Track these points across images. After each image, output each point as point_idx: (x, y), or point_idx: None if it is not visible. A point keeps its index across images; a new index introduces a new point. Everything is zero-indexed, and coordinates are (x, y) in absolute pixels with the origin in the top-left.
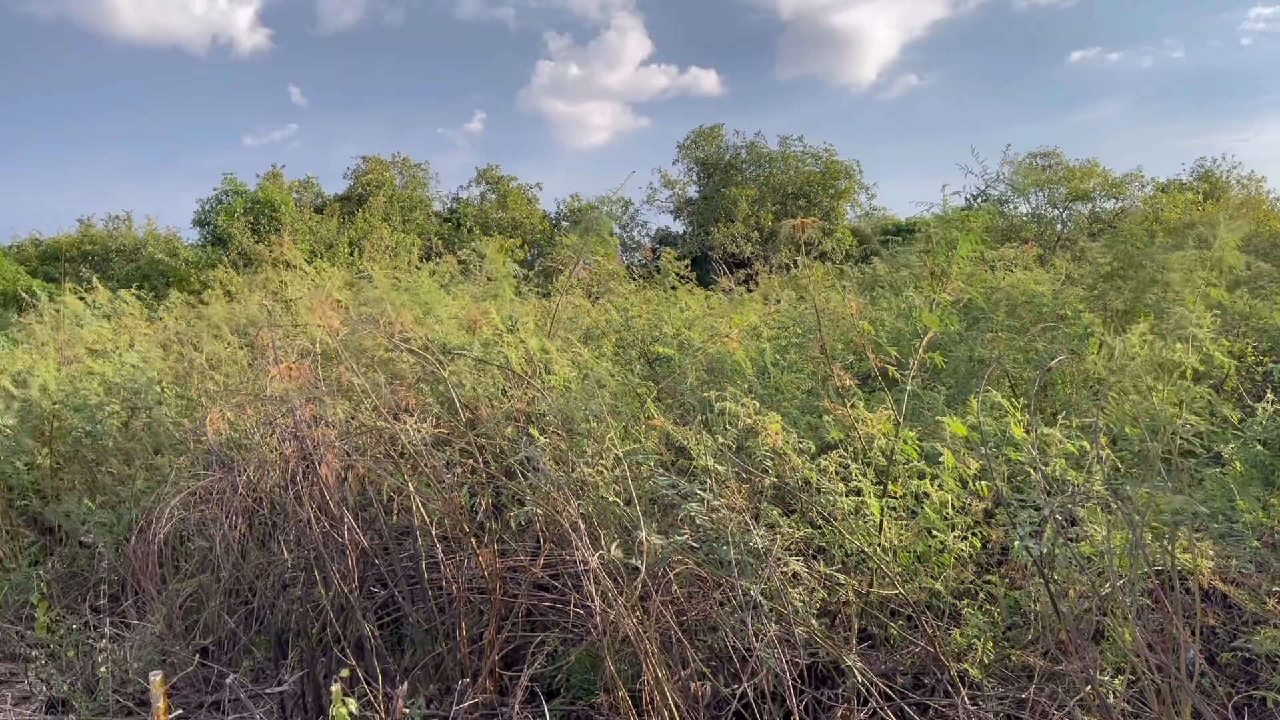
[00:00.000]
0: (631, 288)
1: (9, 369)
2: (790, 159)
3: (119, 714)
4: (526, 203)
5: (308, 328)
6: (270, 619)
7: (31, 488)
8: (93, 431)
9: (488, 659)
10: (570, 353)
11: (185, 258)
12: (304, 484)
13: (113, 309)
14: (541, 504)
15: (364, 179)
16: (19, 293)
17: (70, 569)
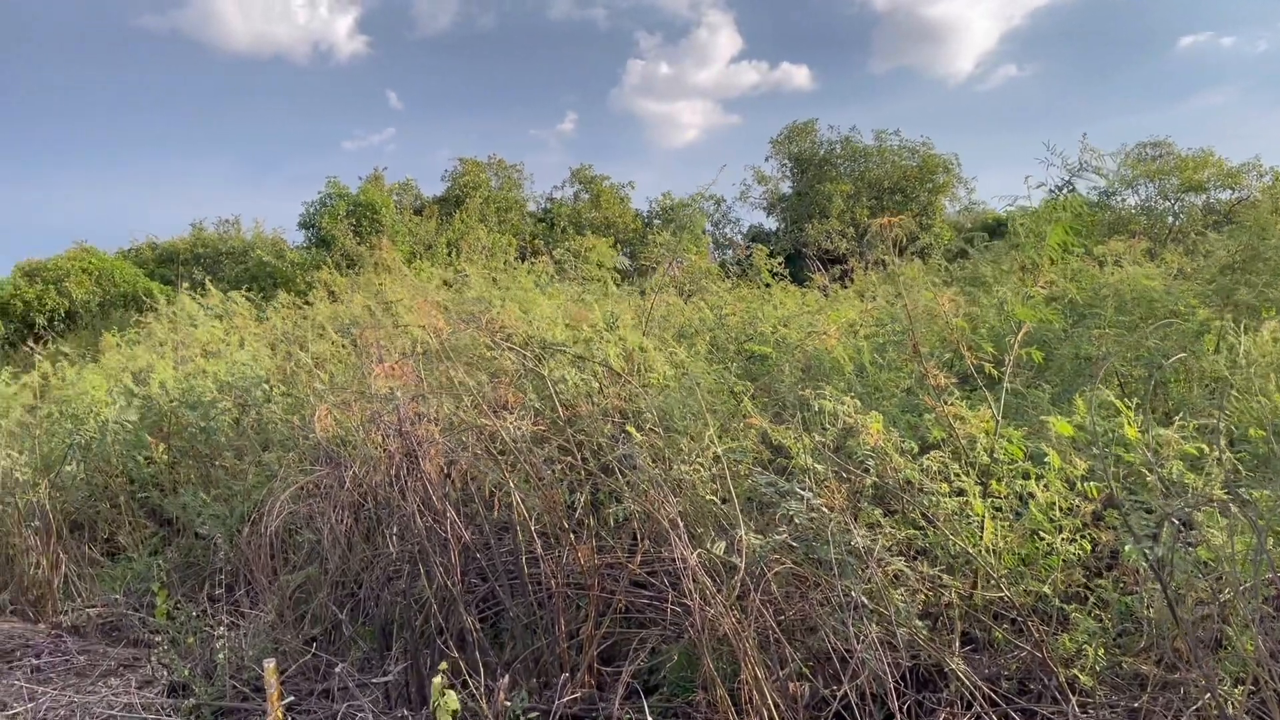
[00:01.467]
0: (725, 285)
1: (130, 368)
2: (886, 153)
3: (235, 699)
4: (619, 202)
5: (409, 327)
6: (375, 611)
7: (151, 481)
8: (207, 428)
9: (586, 654)
10: (668, 351)
11: (291, 259)
12: (408, 479)
13: (224, 309)
14: (639, 501)
15: (461, 181)
16: (138, 294)
17: (187, 559)
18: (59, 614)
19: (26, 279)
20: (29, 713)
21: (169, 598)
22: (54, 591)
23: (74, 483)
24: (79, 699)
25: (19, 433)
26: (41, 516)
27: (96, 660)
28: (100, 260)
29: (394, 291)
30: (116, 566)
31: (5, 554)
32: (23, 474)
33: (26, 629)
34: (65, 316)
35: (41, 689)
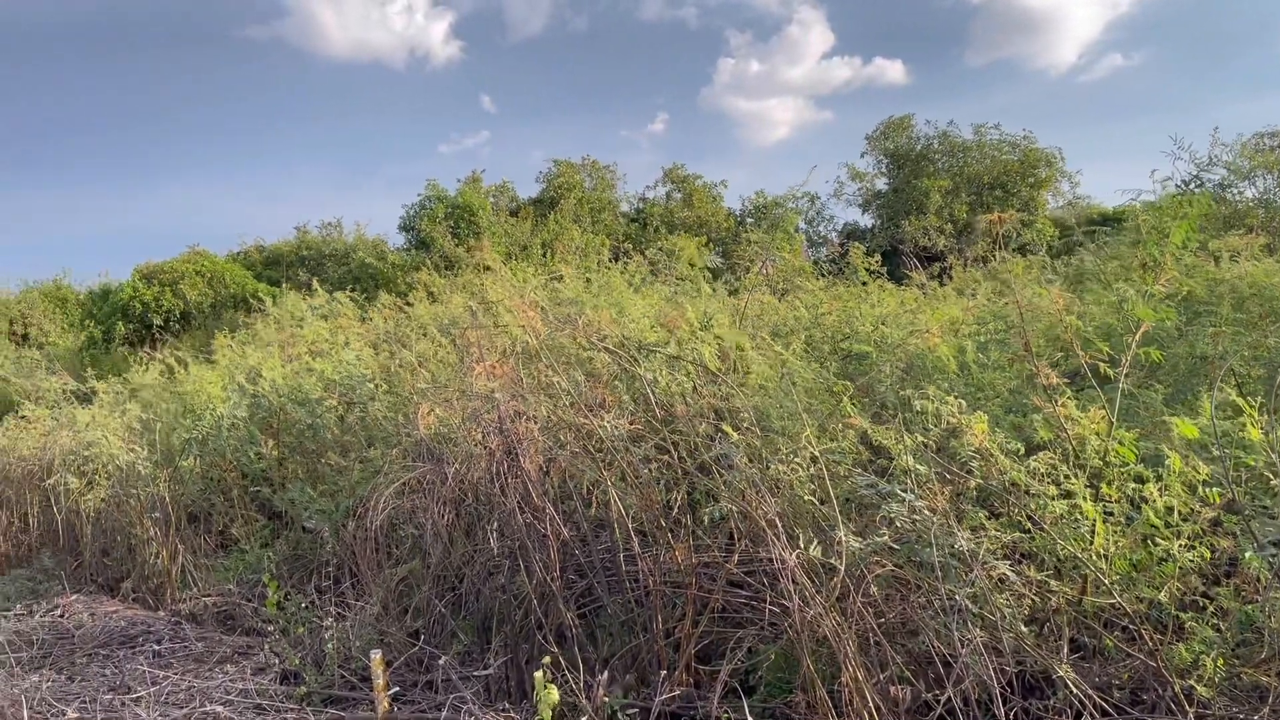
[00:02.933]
0: (820, 284)
1: (242, 366)
2: (985, 148)
3: (344, 688)
4: (711, 201)
5: (508, 327)
6: (475, 605)
7: (261, 476)
8: (313, 425)
9: (684, 653)
10: (766, 350)
11: (392, 261)
12: (508, 476)
13: (329, 310)
14: (736, 501)
15: (555, 182)
16: (247, 296)
17: (295, 551)
18: (177, 602)
19: (145, 281)
20: (152, 696)
21: (279, 588)
22: (173, 580)
23: (191, 476)
24: (198, 684)
25: (140, 428)
26: (161, 508)
27: (213, 647)
28: (212, 263)
29: (494, 291)
30: (229, 557)
31: (128, 544)
32: (145, 467)
33: (148, 615)
34: (180, 317)
35: (163, 673)
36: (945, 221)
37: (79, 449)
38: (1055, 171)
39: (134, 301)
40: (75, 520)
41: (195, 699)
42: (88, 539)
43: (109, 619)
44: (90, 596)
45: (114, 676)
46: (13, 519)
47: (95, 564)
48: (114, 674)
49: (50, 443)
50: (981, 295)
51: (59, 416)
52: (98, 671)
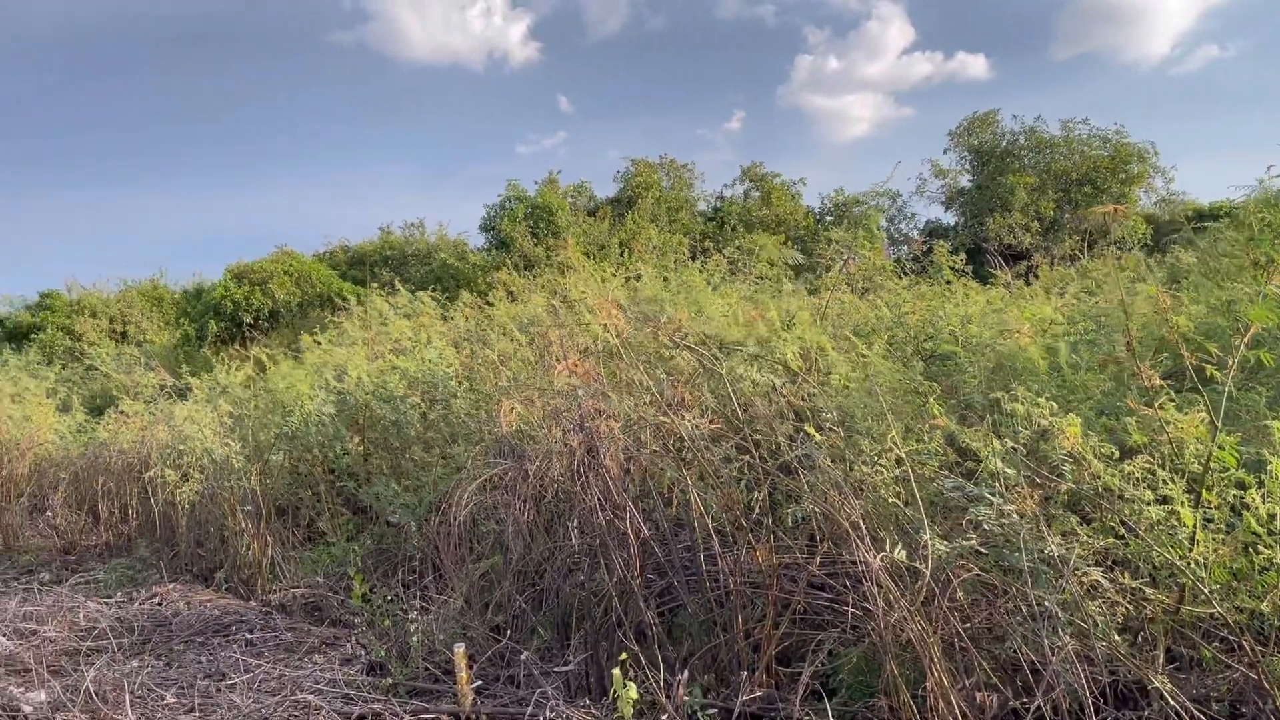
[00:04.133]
0: (903, 283)
1: (328, 364)
2: (1074, 143)
3: (428, 680)
4: (790, 199)
5: (590, 326)
6: (555, 601)
7: (347, 471)
8: (398, 421)
9: (764, 654)
10: (849, 350)
11: (473, 261)
12: (589, 474)
13: (411, 309)
14: (819, 502)
15: (633, 181)
16: (333, 295)
17: (380, 545)
18: (267, 593)
19: (235, 281)
20: (245, 683)
21: (364, 581)
22: (263, 572)
23: (280, 471)
24: (289, 673)
25: (232, 424)
26: (253, 501)
27: (302, 637)
28: (299, 263)
29: (577, 290)
30: (316, 550)
31: (220, 535)
32: (237, 462)
33: (240, 605)
34: (269, 315)
35: (255, 661)
36: (1031, 219)
37: (175, 443)
38: (1148, 167)
39: (225, 300)
40: (171, 512)
41: (286, 687)
42: (183, 530)
43: (204, 608)
44: (186, 586)
45: (209, 664)
46: (113, 509)
47: (190, 554)
48: (209, 661)
49: (148, 437)
50: (1070, 294)
51: (156, 411)
52: (194, 658)
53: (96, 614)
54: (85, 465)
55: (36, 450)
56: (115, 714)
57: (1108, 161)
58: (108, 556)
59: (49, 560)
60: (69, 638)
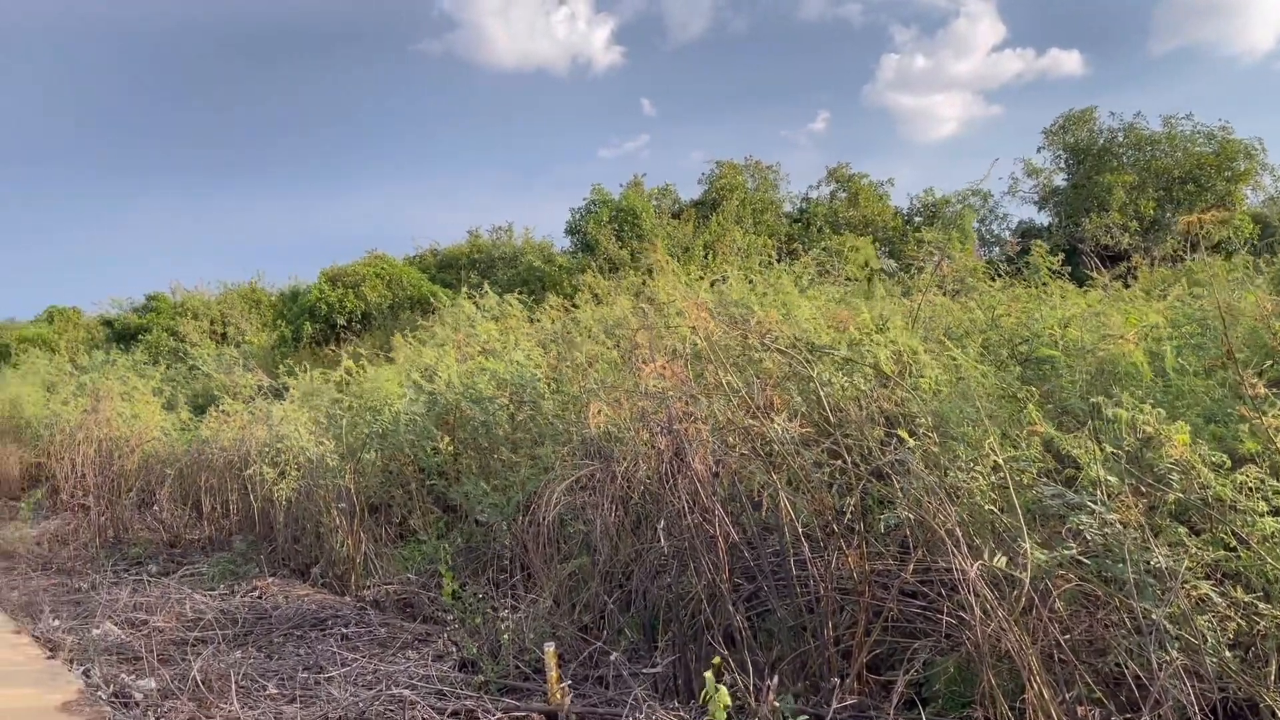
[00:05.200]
0: (998, 284)
1: (419, 365)
2: (1175, 140)
3: (518, 678)
4: (878, 199)
5: (678, 328)
6: (643, 603)
7: (437, 470)
8: (486, 422)
9: (855, 661)
10: (940, 353)
11: (559, 263)
12: (678, 477)
13: (499, 311)
14: (913, 508)
15: (717, 183)
16: (423, 297)
17: (469, 544)
18: (361, 589)
19: (330, 284)
20: (342, 676)
21: (454, 579)
22: (356, 567)
23: (372, 469)
24: (384, 668)
25: (327, 423)
26: (346, 499)
27: (395, 633)
28: (391, 266)
29: (664, 292)
30: (407, 547)
31: (316, 532)
32: (332, 460)
33: (335, 600)
34: (361, 317)
35: (351, 655)
36: (1130, 219)
37: (273, 441)
38: (1255, 164)
39: (320, 303)
40: (269, 508)
41: (382, 682)
42: (280, 526)
43: (301, 602)
44: (284, 580)
45: (307, 656)
46: (215, 505)
47: (287, 549)
48: (307, 654)
49: (247, 435)
50: (1172, 297)
51: (254, 411)
52: (293, 651)
53: (202, 606)
54: (189, 462)
55: (144, 447)
56: (221, 703)
57: (1212, 159)
58: (210, 550)
59: (156, 553)
60: (176, 628)
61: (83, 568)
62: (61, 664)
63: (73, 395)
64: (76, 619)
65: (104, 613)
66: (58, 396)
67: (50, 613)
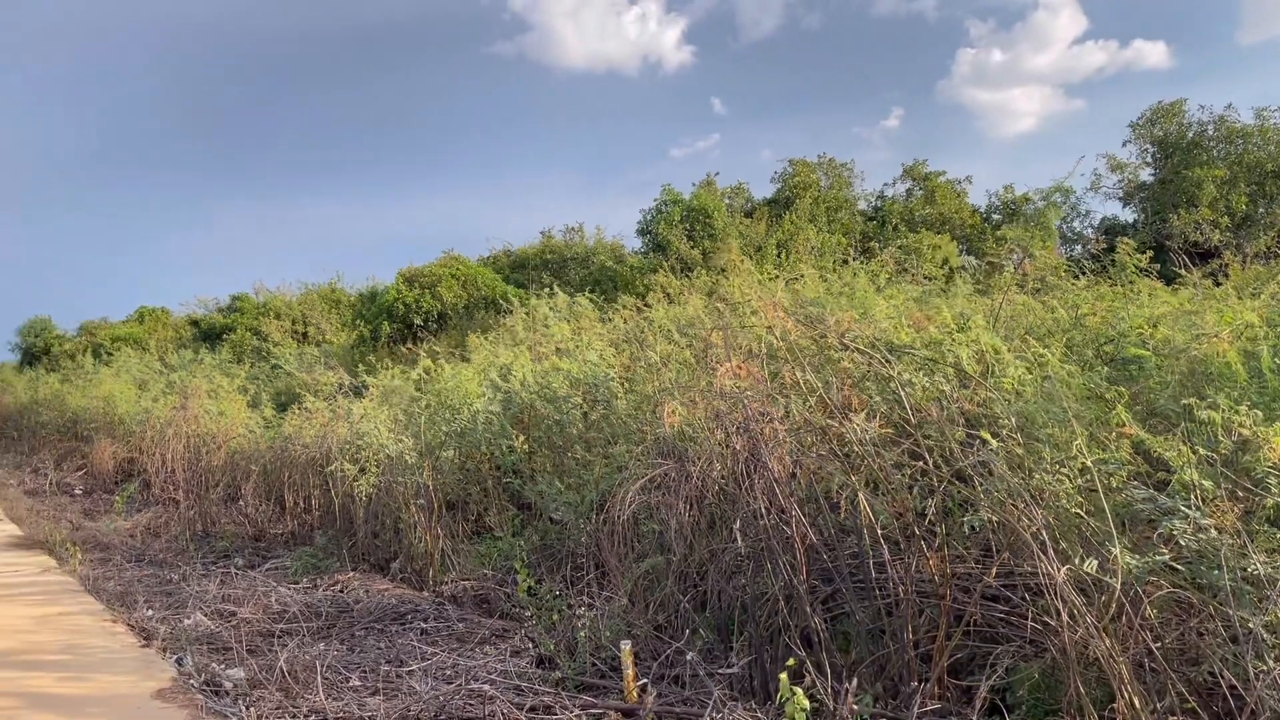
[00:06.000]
0: (1081, 283)
1: (494, 365)
2: (1270, 133)
3: (594, 675)
4: (955, 197)
5: (754, 328)
6: (718, 603)
7: (512, 468)
8: (560, 421)
9: (936, 665)
10: (1022, 353)
11: (631, 264)
12: (754, 477)
13: (571, 312)
14: (997, 511)
15: (791, 181)
16: (497, 298)
17: (544, 541)
18: (439, 584)
19: (407, 284)
20: (422, 670)
21: (529, 576)
22: (434, 563)
23: (450, 467)
24: (462, 662)
25: (405, 421)
26: (425, 496)
27: (473, 628)
28: (466, 267)
29: (739, 292)
30: (483, 544)
31: (395, 527)
32: (410, 458)
33: (414, 595)
34: (437, 317)
35: (431, 649)
36: (1220, 214)
37: (353, 439)
38: None
39: (398, 303)
40: (350, 504)
41: (461, 676)
42: (360, 521)
43: (381, 596)
44: (364, 574)
45: (388, 649)
46: (298, 500)
47: (367, 544)
48: (388, 647)
49: (328, 432)
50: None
51: (335, 408)
52: (374, 644)
53: (286, 598)
54: (272, 458)
55: (230, 443)
56: (306, 694)
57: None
58: (293, 544)
59: (241, 546)
60: (263, 620)
61: (173, 559)
62: (155, 652)
63: (162, 393)
64: (168, 609)
65: (194, 603)
66: (148, 394)
67: (144, 602)
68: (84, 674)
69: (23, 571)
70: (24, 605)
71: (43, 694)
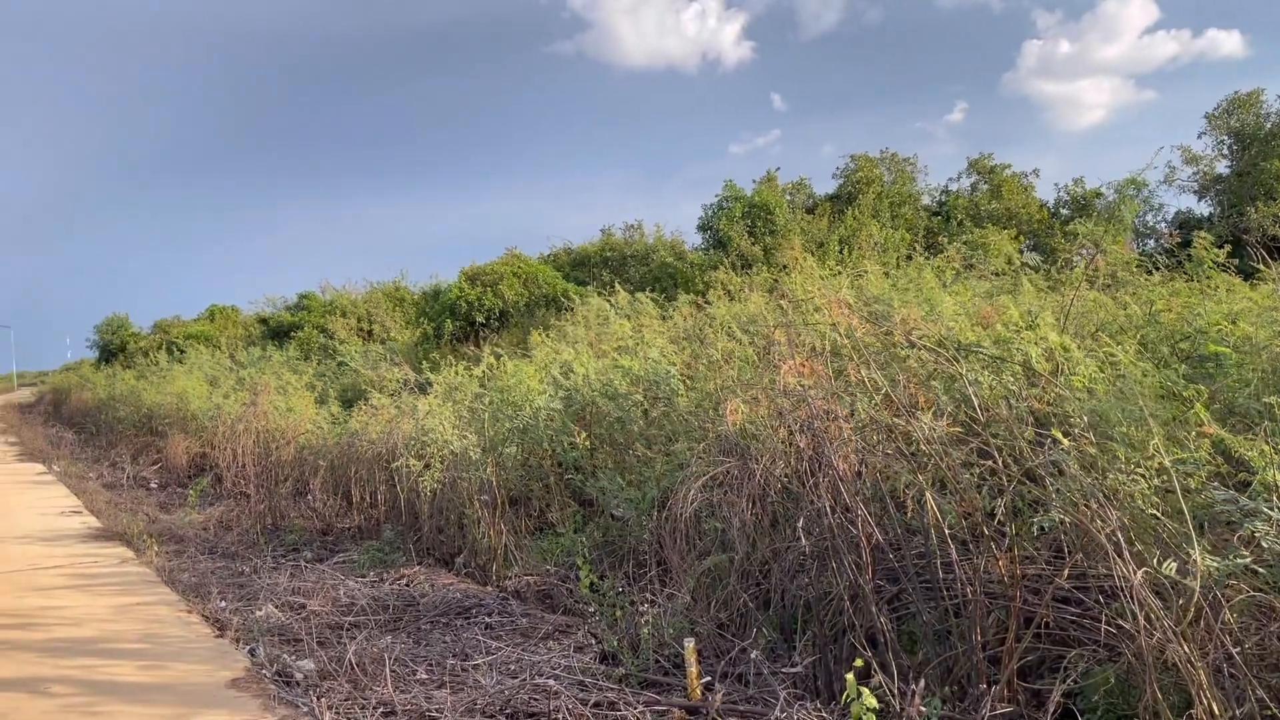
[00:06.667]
0: (1156, 278)
1: (556, 362)
2: None
3: (657, 673)
4: (1022, 191)
5: (818, 325)
6: (781, 602)
7: (574, 464)
8: (621, 418)
9: (1006, 668)
10: (1094, 351)
11: (691, 260)
12: (819, 475)
13: (631, 309)
14: (1069, 512)
15: (853, 177)
16: (557, 295)
17: (606, 537)
18: (503, 579)
19: (469, 282)
20: (488, 664)
21: (591, 572)
22: (498, 558)
23: (513, 463)
24: (527, 657)
25: (469, 417)
26: (488, 491)
27: (536, 624)
28: (527, 265)
29: (802, 288)
30: (545, 540)
31: (459, 523)
32: (474, 453)
33: (478, 590)
34: (499, 315)
35: (495, 644)
36: None
37: (418, 435)
38: None
39: (460, 301)
40: (414, 499)
41: (525, 671)
42: (425, 516)
43: (446, 590)
44: (429, 569)
45: (453, 643)
46: (364, 495)
47: (432, 539)
48: (453, 641)
49: (394, 428)
50: None
51: (400, 405)
52: (439, 638)
53: (354, 592)
54: (339, 454)
55: (298, 439)
56: (375, 686)
57: None
58: (359, 538)
59: (310, 540)
60: (331, 612)
61: (244, 552)
62: (229, 642)
63: (233, 389)
64: (241, 600)
65: (266, 596)
66: (219, 390)
67: (218, 594)
68: (162, 662)
69: (102, 562)
70: (104, 595)
71: (123, 681)
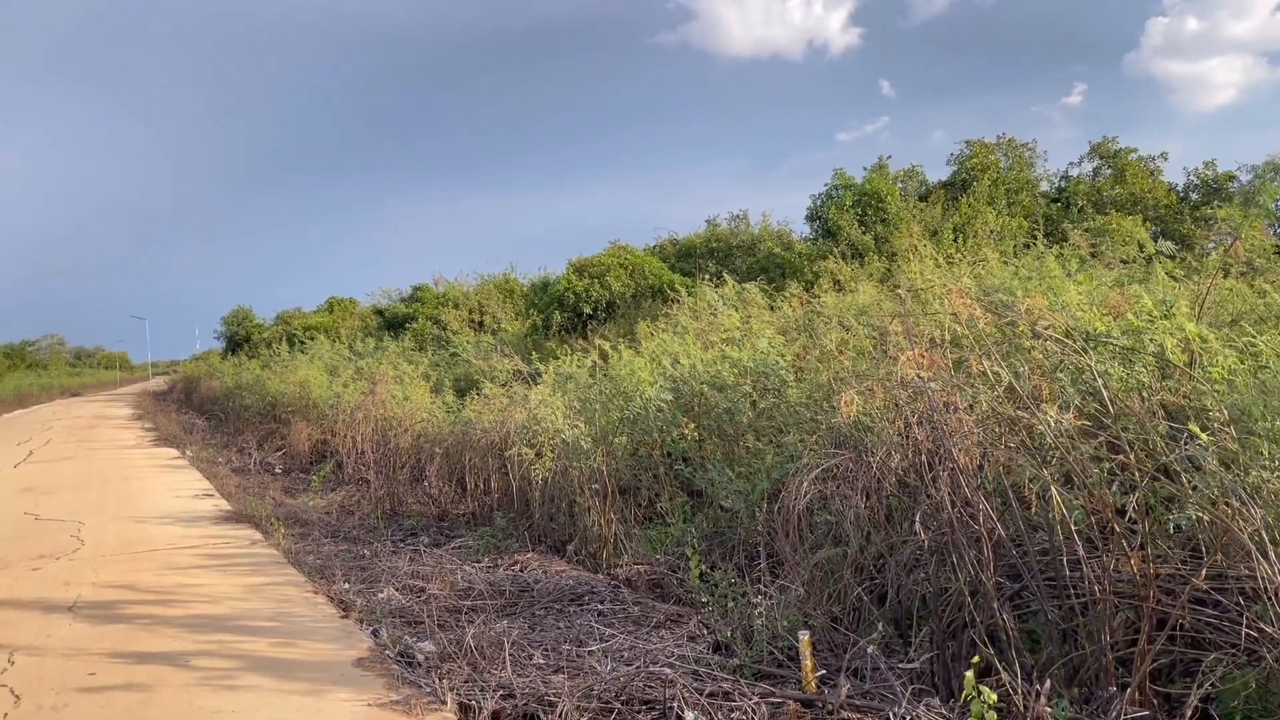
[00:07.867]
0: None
1: (664, 353)
2: None
3: (771, 664)
4: (1147, 176)
5: (936, 314)
6: (897, 596)
7: (683, 455)
8: (730, 409)
9: (1138, 670)
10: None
11: (799, 250)
12: (939, 468)
13: (738, 300)
14: (1208, 510)
15: (967, 163)
16: (663, 287)
17: (714, 528)
18: (613, 567)
19: (577, 274)
20: (601, 650)
21: (700, 562)
22: (608, 546)
23: (623, 453)
24: (639, 644)
25: (580, 407)
26: (599, 480)
27: (648, 612)
28: (633, 256)
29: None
30: (654, 529)
31: (570, 511)
32: (585, 443)
33: (590, 577)
34: (606, 306)
35: (608, 631)
36: None
37: (530, 424)
38: None
39: (568, 293)
40: (526, 487)
41: (640, 658)
42: (537, 504)
43: (559, 577)
44: (542, 555)
45: (567, 630)
46: (478, 482)
47: (543, 526)
48: (567, 627)
49: (506, 417)
50: None
51: (512, 395)
52: (553, 624)
53: (471, 576)
54: (454, 442)
55: (415, 427)
56: (493, 669)
57: None
58: (474, 524)
59: (427, 525)
60: (449, 596)
61: (365, 536)
62: (353, 623)
63: (351, 379)
64: (363, 583)
65: (386, 579)
66: (339, 379)
67: (341, 576)
68: (292, 640)
69: (234, 544)
70: (237, 575)
71: (258, 656)
